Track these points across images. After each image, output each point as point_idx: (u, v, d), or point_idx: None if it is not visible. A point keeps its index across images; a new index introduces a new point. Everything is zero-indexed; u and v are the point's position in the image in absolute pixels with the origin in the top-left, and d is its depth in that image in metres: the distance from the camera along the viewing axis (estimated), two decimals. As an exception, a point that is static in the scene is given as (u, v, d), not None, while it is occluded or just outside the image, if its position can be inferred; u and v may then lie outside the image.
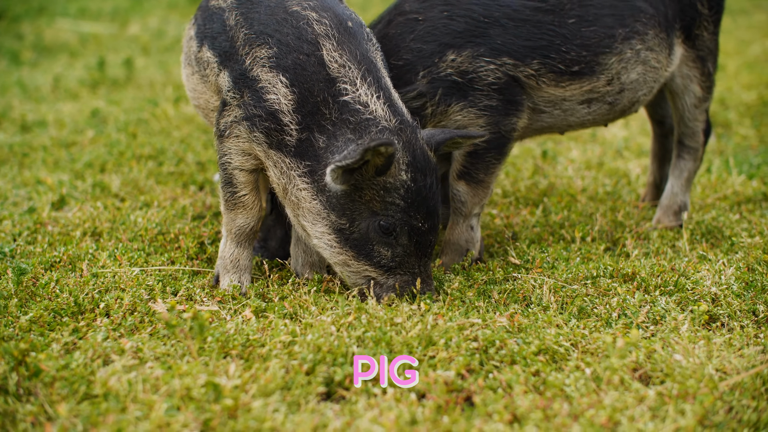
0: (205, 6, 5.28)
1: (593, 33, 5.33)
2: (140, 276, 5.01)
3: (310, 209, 4.69)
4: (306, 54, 4.74)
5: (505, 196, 6.79)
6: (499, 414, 3.72)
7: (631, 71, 5.46)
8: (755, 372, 3.96)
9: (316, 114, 4.67)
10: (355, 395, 3.92)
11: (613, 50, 5.37)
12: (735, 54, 12.05)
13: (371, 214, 4.62)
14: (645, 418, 3.70)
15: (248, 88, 4.81)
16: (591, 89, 5.40)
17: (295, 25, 4.82)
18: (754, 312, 4.71)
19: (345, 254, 4.70)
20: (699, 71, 5.87)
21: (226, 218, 5.03)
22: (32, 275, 4.96)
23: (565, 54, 5.28)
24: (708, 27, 5.81)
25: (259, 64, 4.79)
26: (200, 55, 5.13)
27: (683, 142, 6.07)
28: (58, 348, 4.23)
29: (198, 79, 5.22)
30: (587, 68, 5.35)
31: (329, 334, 4.21)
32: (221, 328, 4.34)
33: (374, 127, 4.60)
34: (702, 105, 5.94)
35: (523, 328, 4.42)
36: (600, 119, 5.62)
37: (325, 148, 4.64)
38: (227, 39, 4.95)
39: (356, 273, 4.74)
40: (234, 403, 3.67)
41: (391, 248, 4.68)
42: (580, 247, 5.55)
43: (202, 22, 5.20)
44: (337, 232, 4.66)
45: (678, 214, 6.06)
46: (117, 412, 3.67)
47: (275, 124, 4.73)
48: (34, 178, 7.15)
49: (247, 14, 4.94)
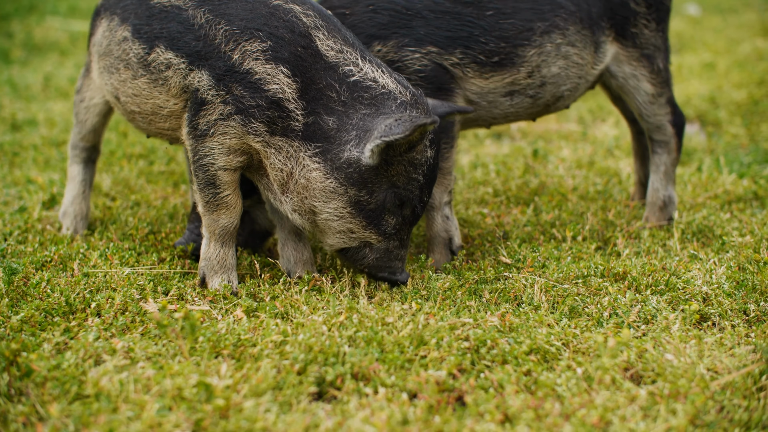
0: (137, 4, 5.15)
1: (511, 25, 5.44)
2: (131, 276, 5.00)
3: (322, 188, 4.78)
4: (302, 47, 4.81)
5: (495, 195, 6.79)
6: (491, 414, 3.73)
7: (552, 65, 5.55)
8: (746, 371, 3.96)
9: (322, 98, 4.78)
10: (346, 395, 3.92)
11: (532, 43, 5.48)
12: (725, 53, 12.07)
13: (390, 186, 4.83)
14: (636, 418, 3.71)
15: (239, 83, 4.79)
16: (512, 81, 5.50)
17: (284, 18, 4.85)
18: (745, 311, 4.72)
19: (354, 223, 4.86)
20: (647, 69, 5.91)
21: (207, 219, 4.99)
22: (23, 275, 4.95)
23: (484, 45, 5.40)
24: (649, 24, 5.86)
25: (251, 58, 4.78)
26: (151, 57, 5.00)
27: (652, 137, 6.12)
28: (49, 348, 4.23)
29: (145, 83, 5.06)
30: (507, 60, 5.46)
31: (321, 333, 4.21)
32: (212, 327, 4.34)
33: (392, 102, 4.80)
34: (658, 100, 5.97)
35: (515, 327, 4.43)
36: (523, 113, 5.71)
37: (337, 129, 4.78)
38: (197, 38, 4.88)
39: (355, 239, 4.92)
40: (225, 403, 3.67)
41: (396, 217, 4.90)
42: (571, 247, 5.55)
43: (141, 21, 5.07)
44: (354, 204, 4.81)
45: (664, 209, 6.07)
46: (108, 413, 3.67)
47: (279, 111, 4.78)
48: (25, 178, 7.14)
49: (219, 11, 4.89)
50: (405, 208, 4.90)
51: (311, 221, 4.91)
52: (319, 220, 4.88)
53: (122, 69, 5.15)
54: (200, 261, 5.05)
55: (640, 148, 6.51)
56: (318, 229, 4.95)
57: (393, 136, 4.61)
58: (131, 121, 5.38)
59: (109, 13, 5.29)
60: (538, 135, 8.90)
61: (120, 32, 5.16)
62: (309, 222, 4.92)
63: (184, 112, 4.99)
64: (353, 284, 5.04)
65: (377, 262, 4.97)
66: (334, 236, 4.91)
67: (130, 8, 5.16)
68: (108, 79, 5.29)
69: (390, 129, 4.65)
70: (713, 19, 15.04)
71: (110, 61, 5.23)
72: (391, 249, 4.97)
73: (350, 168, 4.75)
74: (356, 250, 4.96)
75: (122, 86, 5.19)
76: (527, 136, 8.92)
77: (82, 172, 5.98)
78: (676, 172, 6.14)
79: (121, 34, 5.15)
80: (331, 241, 4.95)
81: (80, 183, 5.97)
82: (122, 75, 5.16)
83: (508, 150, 8.18)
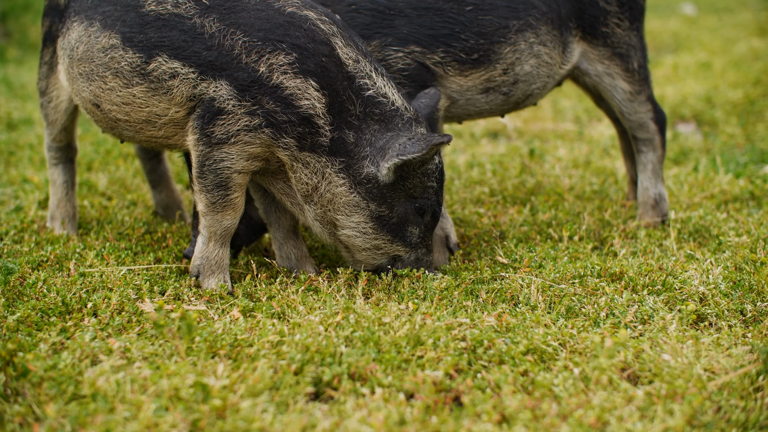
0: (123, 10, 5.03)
1: (489, 22, 5.51)
2: (128, 275, 5.00)
3: (347, 203, 4.90)
4: (326, 56, 4.84)
5: (492, 195, 6.79)
6: (488, 414, 3.72)
7: (525, 63, 5.62)
8: (743, 372, 3.96)
9: (343, 112, 4.85)
10: (343, 395, 3.91)
11: (508, 40, 5.55)
12: (721, 52, 12.08)
13: (409, 199, 4.97)
14: (634, 418, 3.70)
15: (269, 96, 4.78)
16: (488, 78, 5.58)
17: (303, 27, 4.86)
18: (741, 311, 4.72)
19: (380, 239, 4.98)
20: (621, 68, 5.96)
21: (210, 220, 4.97)
22: (19, 274, 4.95)
23: (465, 42, 5.48)
24: (621, 23, 5.90)
25: (279, 72, 4.78)
26: (151, 67, 4.91)
27: (635, 135, 6.15)
28: (45, 348, 4.22)
29: (141, 92, 4.97)
30: (485, 56, 5.53)
31: (317, 333, 4.21)
32: (209, 327, 4.33)
33: (399, 119, 4.92)
34: (637, 98, 6.00)
35: (511, 327, 4.42)
36: (496, 109, 5.79)
37: (354, 143, 4.88)
38: (208, 48, 4.83)
39: (384, 254, 5.05)
40: (222, 404, 3.66)
41: (419, 227, 5.05)
42: (567, 246, 5.55)
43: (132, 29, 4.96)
44: (376, 219, 4.93)
45: (656, 207, 6.08)
46: (105, 413, 3.66)
47: (309, 127, 4.83)
48: (21, 177, 7.14)
49: (231, 20, 4.85)
50: (425, 216, 5.04)
51: (331, 233, 5.01)
52: (341, 235, 4.97)
53: (109, 77, 5.04)
54: (195, 260, 5.04)
55: (628, 147, 6.52)
56: (341, 245, 5.05)
57: (410, 155, 4.76)
58: (110, 129, 5.28)
59: (84, 16, 5.16)
60: (535, 134, 8.91)
61: (104, 39, 5.04)
62: (329, 233, 5.02)
63: (186, 119, 4.95)
64: (349, 284, 5.04)
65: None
66: (360, 253, 5.02)
67: (114, 15, 5.05)
68: (86, 86, 5.18)
69: (405, 148, 4.79)
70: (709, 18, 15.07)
71: (90, 68, 5.12)
72: (420, 257, 5.11)
73: (369, 183, 4.89)
74: (387, 265, 5.08)
75: (107, 94, 5.09)
76: (523, 135, 8.93)
77: (63, 174, 5.91)
78: (663, 169, 6.15)
79: (105, 41, 5.03)
80: (360, 258, 5.05)
81: (62, 185, 5.91)
82: (108, 83, 5.06)
83: (504, 149, 8.18)
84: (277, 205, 5.25)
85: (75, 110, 5.70)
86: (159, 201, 6.30)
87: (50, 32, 5.54)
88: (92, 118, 5.34)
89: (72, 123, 5.79)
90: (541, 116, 9.56)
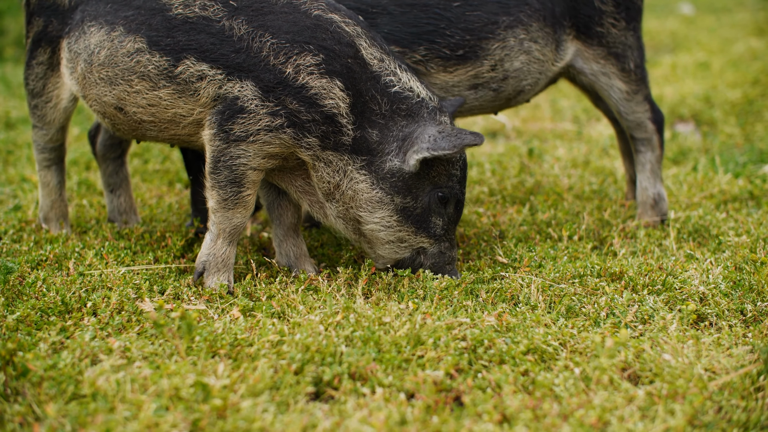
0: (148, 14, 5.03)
1: (477, 18, 5.53)
2: (127, 275, 4.99)
3: (369, 199, 4.96)
4: (351, 57, 4.89)
5: (491, 195, 6.79)
6: (489, 414, 3.71)
7: (515, 59, 5.64)
8: (744, 372, 3.96)
9: (366, 111, 4.94)
10: (344, 395, 3.90)
11: (496, 36, 5.56)
12: (719, 52, 12.09)
13: (433, 188, 5.03)
14: (635, 418, 3.70)
15: (292, 96, 4.82)
16: (476, 74, 5.60)
17: (329, 29, 4.91)
18: (742, 311, 4.72)
19: (404, 231, 5.04)
20: (617, 67, 5.96)
21: (221, 217, 4.98)
22: (19, 274, 4.94)
23: (450, 38, 5.49)
24: (617, 23, 5.90)
25: (305, 72, 4.82)
26: (179, 70, 4.92)
27: (633, 135, 6.16)
28: (45, 347, 4.21)
29: (168, 94, 4.97)
30: (471, 53, 5.55)
31: (317, 333, 4.20)
32: (209, 327, 4.32)
33: (425, 109, 5.00)
34: (634, 97, 6.01)
35: (512, 327, 4.42)
36: (487, 106, 5.81)
37: (378, 141, 4.95)
38: (236, 50, 4.86)
39: (408, 247, 5.09)
40: (223, 403, 3.65)
41: (442, 217, 5.10)
42: (567, 246, 5.55)
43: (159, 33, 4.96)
44: (401, 212, 4.99)
45: (655, 207, 6.08)
46: (105, 412, 3.65)
47: (332, 126, 4.88)
48: (19, 176, 7.13)
49: (259, 22, 4.88)
50: (449, 206, 5.09)
51: (355, 229, 5.06)
52: (365, 230, 5.02)
53: (135, 81, 5.03)
54: (201, 255, 5.03)
55: (626, 146, 6.52)
56: (364, 240, 5.09)
57: (441, 151, 4.86)
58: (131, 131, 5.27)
59: (104, 21, 5.12)
60: (534, 134, 8.91)
61: (129, 44, 5.02)
62: (352, 230, 5.07)
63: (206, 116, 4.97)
64: (349, 284, 5.03)
65: (433, 267, 5.12)
66: (384, 247, 5.06)
67: (137, 19, 5.04)
68: (108, 90, 5.14)
69: (436, 143, 4.88)
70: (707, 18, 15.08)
71: (114, 73, 5.08)
72: (443, 251, 5.12)
73: (394, 177, 4.96)
74: (410, 260, 5.11)
75: (133, 97, 5.08)
76: (522, 135, 8.93)
77: (57, 175, 5.85)
78: (662, 169, 6.15)
79: (131, 45, 5.01)
80: (382, 252, 5.09)
81: (56, 186, 5.85)
82: (135, 87, 5.05)
83: (503, 149, 8.18)
84: (280, 202, 5.26)
85: (73, 109, 5.67)
86: (116, 206, 6.11)
87: (45, 32, 5.46)
88: (109, 121, 5.28)
89: (68, 122, 5.76)
90: (540, 116, 9.56)
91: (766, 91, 9.86)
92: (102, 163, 6.07)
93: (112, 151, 6.04)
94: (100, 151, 6.06)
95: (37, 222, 5.88)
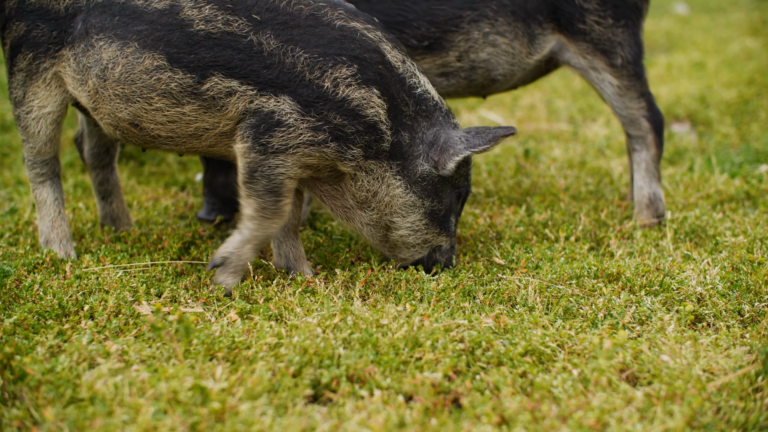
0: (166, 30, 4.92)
1: (443, 11, 5.72)
2: (124, 278, 4.98)
3: (404, 203, 5.07)
4: (380, 63, 4.93)
5: (488, 196, 6.79)
6: (487, 416, 3.72)
7: (480, 51, 5.82)
8: (743, 372, 3.96)
9: (398, 114, 5.00)
10: (342, 398, 3.90)
11: (460, 29, 5.75)
12: (714, 52, 12.08)
13: (453, 188, 5.17)
14: (633, 420, 3.70)
15: (335, 111, 4.84)
16: (443, 63, 5.79)
17: (356, 38, 4.92)
18: (739, 312, 4.72)
19: (430, 233, 5.17)
20: (605, 62, 6.02)
21: (257, 225, 4.95)
22: (15, 277, 4.93)
23: (416, 29, 5.69)
24: (602, 21, 5.96)
25: (344, 84, 4.84)
26: (205, 87, 4.85)
27: (629, 133, 6.19)
28: (43, 351, 4.20)
29: (192, 110, 4.90)
30: (436, 44, 5.75)
31: (315, 336, 4.20)
32: (207, 330, 4.33)
33: (439, 112, 5.10)
34: (627, 93, 6.04)
35: (509, 329, 4.42)
36: (463, 92, 6.04)
37: (409, 144, 5.04)
38: (267, 66, 4.83)
39: (429, 247, 5.23)
40: (221, 407, 3.65)
41: (456, 215, 5.28)
42: (564, 247, 5.55)
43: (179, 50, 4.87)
44: (430, 215, 5.12)
45: (650, 206, 6.09)
46: (104, 416, 3.65)
47: (375, 135, 4.92)
48: (15, 179, 7.12)
49: (286, 37, 4.86)
50: (458, 203, 5.25)
51: (383, 236, 5.14)
52: (393, 236, 5.12)
53: (155, 98, 4.93)
54: (225, 250, 5.00)
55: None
56: (388, 245, 5.17)
57: (479, 147, 5.00)
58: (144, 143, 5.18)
59: (113, 35, 4.96)
60: (529, 135, 8.90)
61: (147, 61, 4.91)
62: (380, 236, 5.15)
63: (236, 129, 4.95)
64: (347, 286, 5.03)
65: (447, 262, 5.30)
66: (408, 250, 5.19)
67: (153, 35, 4.92)
68: (124, 107, 5.01)
69: (470, 141, 5.01)
70: (701, 18, 15.07)
71: (132, 90, 4.96)
72: (453, 245, 5.32)
73: (424, 181, 5.06)
74: (427, 259, 5.23)
75: (152, 114, 4.99)
76: (518, 136, 8.92)
77: (53, 192, 5.50)
78: (659, 169, 6.14)
79: (149, 62, 4.90)
80: (404, 255, 5.21)
81: (54, 204, 5.51)
82: (154, 104, 4.95)
83: (499, 150, 8.17)
84: None
85: (61, 121, 5.40)
86: (109, 212, 5.98)
87: (28, 37, 5.18)
88: (121, 134, 5.16)
89: (57, 133, 5.42)
90: (536, 116, 9.55)
91: (761, 90, 9.87)
92: (92, 171, 5.91)
93: (100, 159, 5.88)
94: (89, 160, 5.90)
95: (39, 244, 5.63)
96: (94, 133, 5.75)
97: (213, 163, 6.11)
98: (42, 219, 5.49)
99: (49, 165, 5.46)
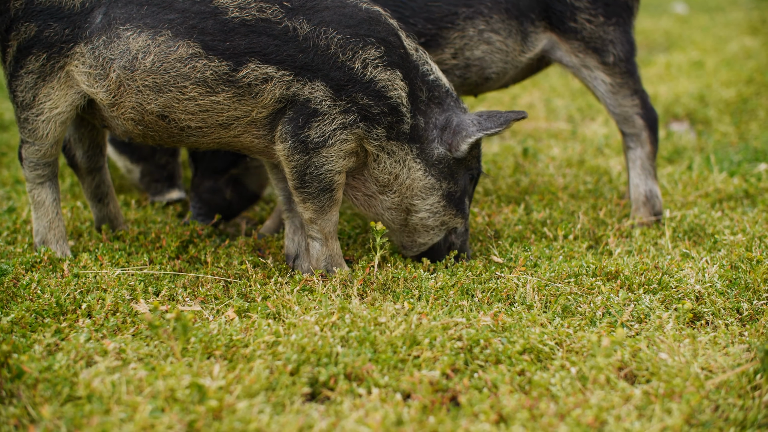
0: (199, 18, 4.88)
1: (438, 8, 5.74)
2: (122, 276, 4.98)
3: (423, 186, 5.22)
4: (401, 47, 5.06)
5: (486, 195, 6.78)
6: (486, 414, 3.71)
7: (475, 49, 5.85)
8: (741, 370, 3.95)
9: (415, 99, 5.14)
10: (340, 396, 3.90)
11: (456, 26, 5.77)
12: (713, 51, 12.09)
13: (467, 170, 5.33)
14: (632, 418, 3.70)
15: (363, 92, 4.94)
16: (439, 60, 5.79)
17: (381, 21, 5.04)
18: (738, 310, 4.72)
19: (447, 214, 5.32)
20: (597, 60, 6.04)
21: (321, 222, 5.13)
22: (13, 276, 4.92)
23: (413, 26, 5.69)
24: (594, 19, 5.98)
25: (371, 65, 4.95)
26: (242, 74, 4.83)
27: (623, 130, 6.20)
28: (40, 349, 4.20)
29: (227, 98, 4.88)
30: (432, 41, 5.76)
31: (313, 334, 4.20)
32: (204, 328, 4.32)
33: (450, 98, 5.25)
34: (620, 90, 6.06)
35: (508, 327, 4.41)
36: (456, 90, 5.93)
37: (424, 128, 5.18)
38: (302, 50, 4.87)
39: (445, 230, 5.38)
40: (219, 405, 3.64)
41: (470, 197, 5.42)
42: (562, 246, 5.55)
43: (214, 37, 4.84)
44: (447, 197, 5.27)
45: (647, 204, 6.08)
46: (101, 414, 3.64)
47: (396, 116, 5.04)
48: (13, 178, 7.12)
49: (318, 19, 4.91)
50: (471, 185, 5.42)
51: (403, 219, 5.26)
52: (413, 219, 5.25)
53: (189, 87, 4.88)
54: (319, 262, 5.20)
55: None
56: (407, 229, 5.30)
57: (492, 130, 5.16)
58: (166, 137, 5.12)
59: (143, 24, 4.90)
60: (528, 134, 8.90)
61: (181, 49, 4.86)
62: (400, 220, 5.28)
63: (267, 119, 4.98)
64: (345, 284, 5.03)
65: (463, 244, 5.46)
66: (428, 233, 5.32)
67: (186, 23, 4.87)
68: (154, 97, 4.95)
69: (482, 124, 5.17)
70: (701, 17, 15.08)
71: (164, 79, 4.89)
72: (467, 228, 5.46)
73: (441, 164, 5.21)
74: (444, 241, 5.38)
75: (184, 104, 4.93)
76: (517, 134, 8.92)
77: (52, 193, 5.42)
78: (655, 167, 6.14)
79: (183, 50, 4.86)
80: (423, 239, 5.34)
81: (53, 204, 5.44)
82: (188, 93, 4.90)
83: (497, 149, 8.17)
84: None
85: (69, 121, 5.25)
86: (106, 214, 5.87)
87: (40, 38, 5.06)
88: (142, 128, 5.09)
89: (63, 135, 5.32)
90: (534, 115, 9.55)
91: (760, 89, 9.87)
92: (87, 176, 5.70)
93: (96, 161, 5.72)
94: (84, 165, 5.70)
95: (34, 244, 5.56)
96: (86, 136, 5.66)
97: (202, 167, 6.07)
98: (39, 219, 5.43)
99: (51, 167, 5.38)
